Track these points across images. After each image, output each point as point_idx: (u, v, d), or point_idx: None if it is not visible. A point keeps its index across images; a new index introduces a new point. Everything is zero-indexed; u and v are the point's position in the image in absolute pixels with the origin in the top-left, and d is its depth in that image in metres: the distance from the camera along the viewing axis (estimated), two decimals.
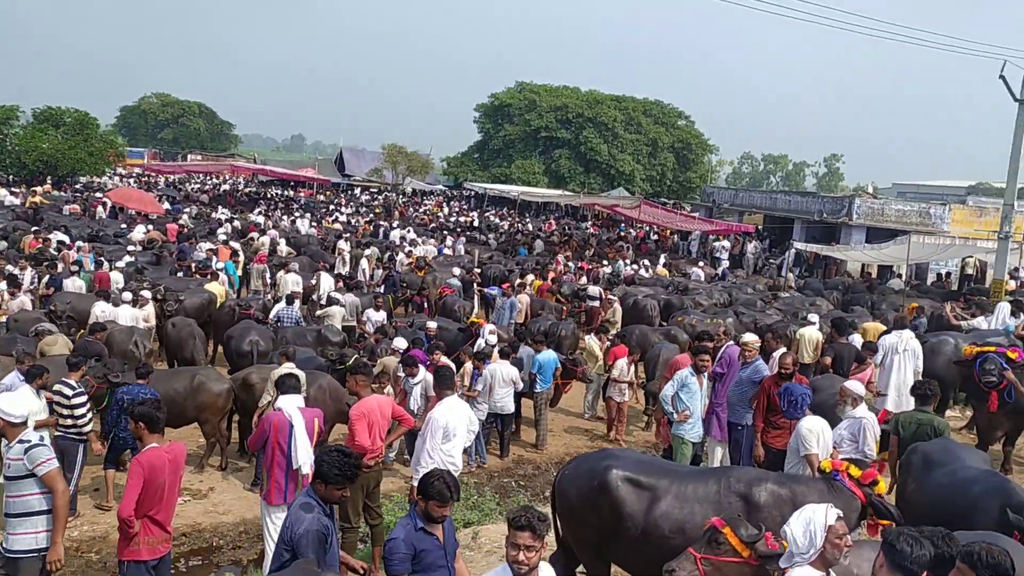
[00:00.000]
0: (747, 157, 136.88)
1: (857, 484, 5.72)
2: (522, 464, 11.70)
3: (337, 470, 4.89)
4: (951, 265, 30.52)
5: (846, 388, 7.86)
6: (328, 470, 4.91)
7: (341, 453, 4.99)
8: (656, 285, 22.59)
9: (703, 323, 16.85)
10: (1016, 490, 5.77)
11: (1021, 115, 22.53)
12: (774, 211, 37.53)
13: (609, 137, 58.35)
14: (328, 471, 4.91)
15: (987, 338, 12.41)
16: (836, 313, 19.13)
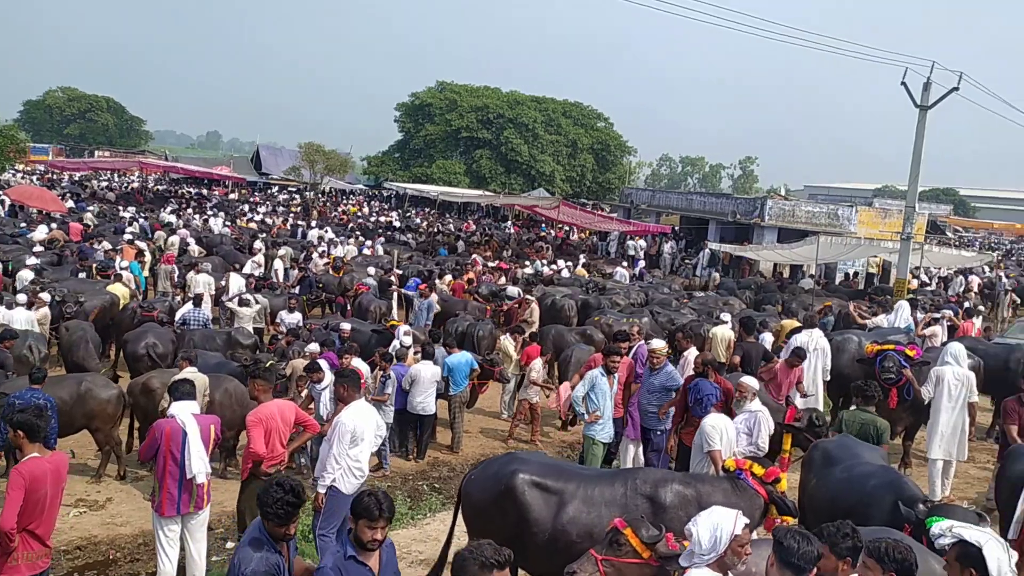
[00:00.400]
0: (666, 159, 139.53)
1: (760, 482, 5.79)
2: (437, 466, 11.53)
3: (272, 508, 4.54)
4: (858, 265, 31.57)
5: (742, 383, 8.03)
6: (264, 508, 4.59)
7: (280, 488, 4.60)
8: (574, 285, 22.70)
9: (619, 323, 17.03)
10: (908, 485, 5.92)
11: (921, 121, 23.44)
12: (690, 212, 38.21)
13: (530, 138, 58.61)
14: (265, 509, 4.58)
15: (888, 336, 12.84)
16: (748, 312, 19.60)
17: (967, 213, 78.12)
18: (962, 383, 9.83)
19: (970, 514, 5.11)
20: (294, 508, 4.60)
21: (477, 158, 58.92)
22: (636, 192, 47.48)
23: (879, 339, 12.15)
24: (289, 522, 4.61)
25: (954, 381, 9.84)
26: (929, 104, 23.04)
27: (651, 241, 36.12)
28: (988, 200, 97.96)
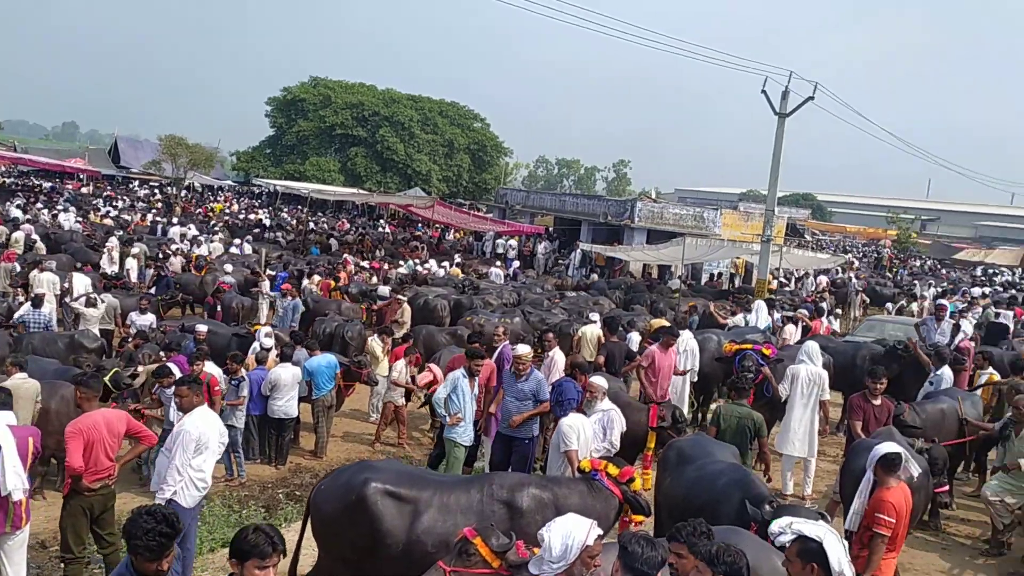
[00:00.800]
0: (542, 160, 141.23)
1: (615, 482, 5.78)
2: (299, 473, 11.09)
3: (141, 540, 3.96)
4: (722, 266, 32.78)
5: (591, 383, 8.07)
6: (132, 540, 4.00)
7: (151, 517, 4.01)
8: (448, 285, 22.56)
9: (491, 323, 17.00)
10: (756, 483, 6.03)
11: (780, 128, 24.50)
12: (564, 213, 38.71)
13: (406, 136, 58.09)
14: (133, 542, 4.00)
15: (745, 335, 13.27)
16: (614, 312, 19.94)
17: (824, 217, 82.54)
18: (815, 381, 10.16)
19: (812, 514, 5.22)
20: (168, 540, 4.01)
21: (352, 156, 57.91)
22: (511, 193, 47.77)
23: (737, 338, 12.53)
24: (162, 556, 4.01)
25: (808, 379, 10.17)
26: (787, 112, 24.10)
27: (524, 241, 36.40)
28: (843, 205, 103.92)
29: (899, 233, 57.20)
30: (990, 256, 55.59)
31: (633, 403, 9.01)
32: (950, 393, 10.13)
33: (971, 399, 10.09)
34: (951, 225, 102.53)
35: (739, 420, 8.29)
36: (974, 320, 19.04)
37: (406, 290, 19.61)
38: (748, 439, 8.30)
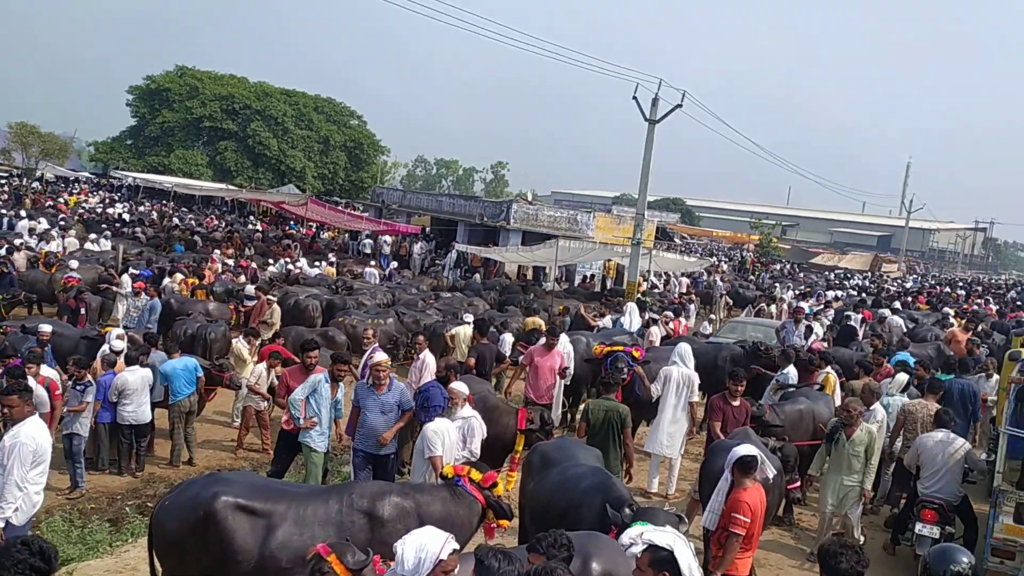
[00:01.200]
0: (421, 160, 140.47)
1: (478, 487, 5.70)
2: (153, 483, 10.49)
3: (10, 571, 3.61)
4: (595, 267, 33.40)
5: (452, 389, 7.97)
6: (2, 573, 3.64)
7: (26, 548, 3.66)
8: (321, 285, 22.04)
9: (364, 323, 16.67)
10: (616, 486, 6.07)
11: (650, 133, 25.20)
12: (440, 213, 38.53)
13: (279, 132, 56.36)
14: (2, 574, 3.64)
15: (613, 337, 13.49)
16: (488, 313, 19.97)
17: (693, 222, 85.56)
18: (686, 383, 10.39)
19: (671, 516, 5.29)
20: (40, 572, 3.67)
21: (221, 150, 55.73)
22: (387, 192, 47.18)
23: (606, 340, 12.71)
24: None
25: (680, 381, 10.38)
26: (657, 119, 24.82)
27: (400, 241, 36.02)
28: (711, 210, 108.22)
29: (761, 238, 59.91)
30: (843, 261, 59.07)
31: (501, 406, 8.93)
32: (807, 394, 10.56)
33: (824, 400, 10.56)
34: (809, 231, 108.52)
35: (606, 413, 8.56)
36: (827, 322, 20.07)
37: (275, 290, 19.02)
38: (615, 431, 8.55)
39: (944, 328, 19.21)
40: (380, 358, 8.71)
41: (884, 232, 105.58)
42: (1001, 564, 8.00)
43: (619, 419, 8.55)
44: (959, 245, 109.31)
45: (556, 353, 11.06)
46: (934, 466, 8.48)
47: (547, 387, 10.95)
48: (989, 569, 8.05)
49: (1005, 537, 7.96)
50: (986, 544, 8.23)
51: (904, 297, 33.11)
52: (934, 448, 8.54)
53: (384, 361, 8.64)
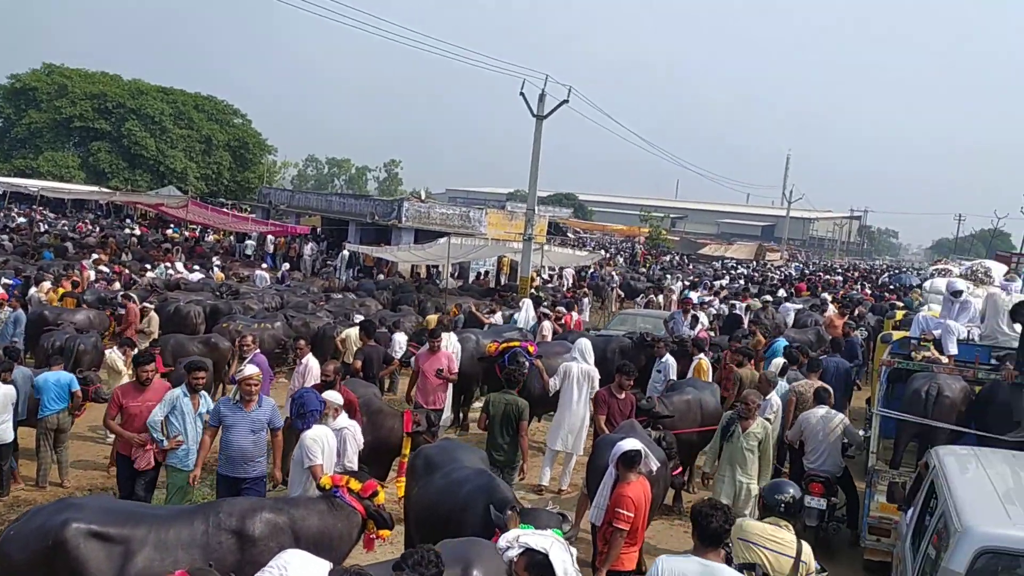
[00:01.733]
0: (312, 160, 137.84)
1: (357, 497, 5.49)
2: (17, 507, 9.79)
3: None
4: (488, 264, 33.40)
5: (325, 398, 7.62)
6: None
7: None
8: (204, 290, 21.21)
9: (250, 329, 16.11)
10: (499, 488, 5.96)
11: (538, 129, 25.32)
12: (331, 213, 37.78)
13: (156, 131, 53.91)
14: None
15: (503, 333, 13.43)
16: (380, 313, 19.66)
17: (585, 216, 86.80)
18: (586, 378, 10.37)
19: (554, 517, 5.22)
20: None
21: (94, 151, 52.92)
22: (275, 192, 45.90)
23: (498, 337, 12.63)
24: None
25: (580, 376, 10.35)
26: (544, 114, 24.95)
27: (290, 243, 35.15)
28: (603, 205, 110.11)
29: (651, 230, 61.31)
30: (729, 251, 61.04)
31: (386, 409, 8.68)
32: (694, 383, 10.75)
33: (710, 389, 10.77)
34: (697, 223, 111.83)
35: (505, 406, 8.71)
36: (714, 311, 20.60)
37: (154, 296, 18.18)
38: (513, 423, 8.71)
39: (823, 313, 20.00)
40: (251, 371, 7.76)
41: (767, 222, 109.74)
42: (878, 542, 8.25)
43: (516, 412, 8.67)
44: (836, 233, 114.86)
45: (442, 355, 10.77)
46: (816, 441, 8.87)
47: (434, 390, 10.66)
48: (867, 547, 8.33)
49: (880, 515, 8.23)
50: (863, 523, 8.50)
51: (787, 285, 34.42)
52: (816, 424, 8.92)
53: (255, 375, 7.68)
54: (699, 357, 11.72)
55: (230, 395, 7.83)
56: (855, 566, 8.58)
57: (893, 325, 14.21)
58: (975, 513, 4.96)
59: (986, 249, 65.62)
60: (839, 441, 8.88)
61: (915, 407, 8.68)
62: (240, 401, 7.57)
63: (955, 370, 9.11)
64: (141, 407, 8.03)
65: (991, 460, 6.42)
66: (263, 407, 7.58)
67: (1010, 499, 5.24)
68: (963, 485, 5.61)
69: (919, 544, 5.86)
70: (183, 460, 7.81)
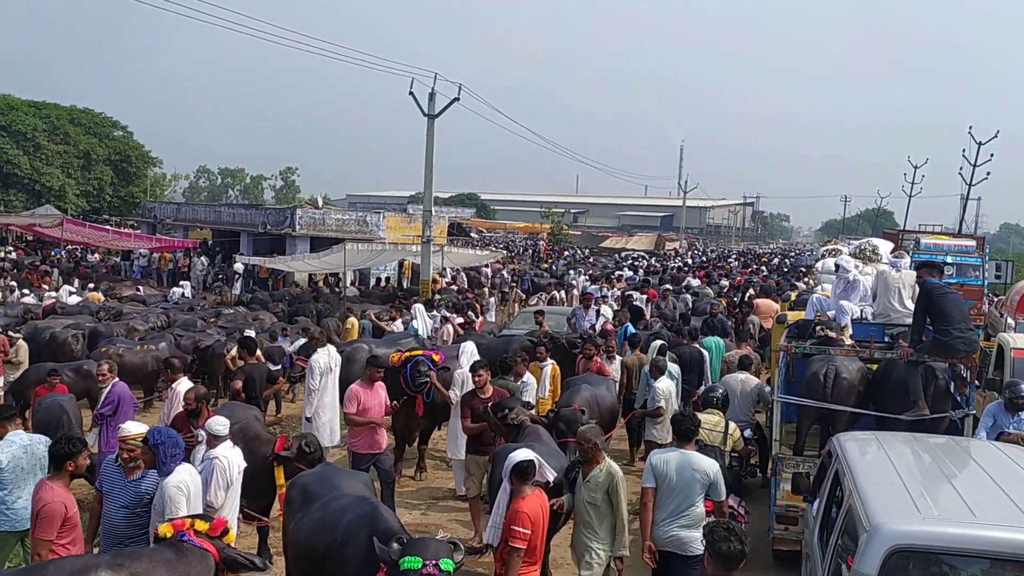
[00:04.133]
0: (204, 171, 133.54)
1: (207, 538, 4.90)
2: None
3: None
4: (390, 269, 32.68)
5: (207, 428, 6.83)
6: None
7: None
8: (82, 313, 19.89)
9: (132, 352, 15.13)
10: (384, 516, 5.47)
11: (430, 129, 24.82)
12: (221, 225, 36.34)
13: (30, 148, 50.72)
14: None
15: (399, 341, 12.88)
16: (279, 326, 18.82)
17: (488, 216, 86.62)
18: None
19: (444, 546, 4.78)
20: None
21: None
22: (160, 206, 43.88)
23: (394, 346, 12.08)
24: None
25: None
26: (435, 113, 24.47)
27: (180, 257, 33.64)
28: (505, 203, 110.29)
29: (552, 226, 61.53)
30: (630, 242, 61.79)
31: (263, 435, 7.99)
32: (588, 380, 10.48)
33: (606, 384, 10.55)
34: (599, 216, 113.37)
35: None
36: (614, 304, 20.49)
37: (20, 326, 16.91)
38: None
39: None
40: (132, 430, 6.21)
41: (666, 212, 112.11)
42: (786, 530, 8.16)
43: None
44: (732, 220, 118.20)
45: (380, 387, 9.56)
46: (734, 396, 10.05)
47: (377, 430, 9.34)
48: (776, 536, 8.23)
49: (787, 503, 8.15)
50: (771, 512, 8.41)
51: (687, 272, 34.91)
52: (734, 384, 10.38)
53: (135, 435, 6.11)
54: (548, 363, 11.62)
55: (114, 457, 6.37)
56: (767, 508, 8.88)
57: (788, 306, 14.34)
58: (883, 509, 4.68)
59: (872, 228, 68.42)
60: (751, 397, 10.40)
61: (814, 390, 8.61)
62: (120, 466, 6.16)
63: (852, 351, 9.06)
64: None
65: (893, 445, 6.25)
66: (148, 475, 6.08)
67: (917, 490, 4.96)
68: (868, 476, 5.38)
69: (827, 538, 5.66)
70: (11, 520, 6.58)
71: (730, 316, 19.94)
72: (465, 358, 10.49)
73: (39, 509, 5.63)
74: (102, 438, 8.86)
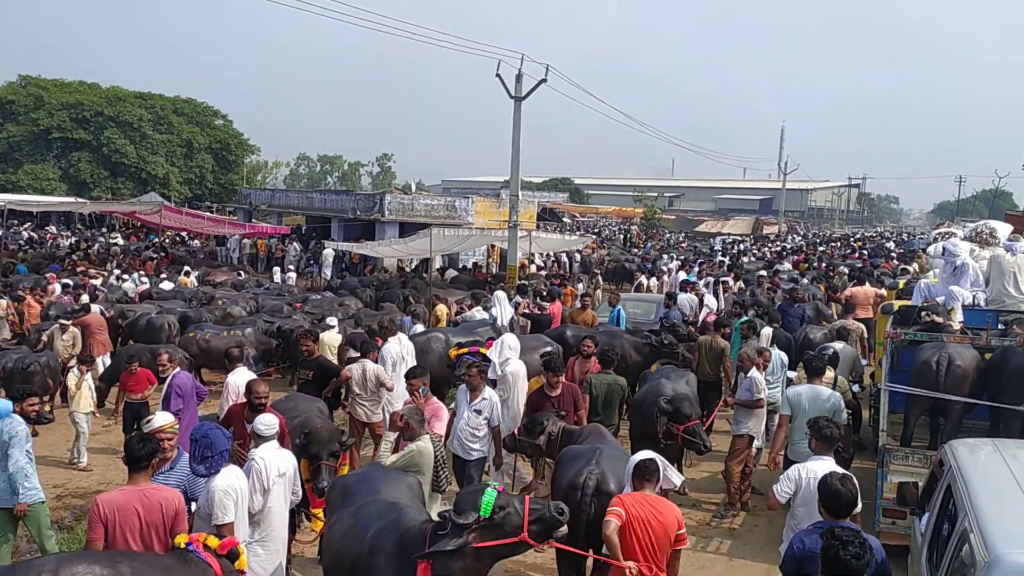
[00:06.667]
0: (304, 158, 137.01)
1: (214, 555, 4.61)
2: None
3: None
4: (479, 254, 32.43)
5: (253, 425, 6.33)
6: None
7: None
8: (176, 298, 20.33)
9: (218, 337, 15.26)
10: (408, 517, 5.06)
11: (517, 112, 24.27)
12: (312, 211, 36.82)
13: (136, 138, 52.70)
14: None
15: (475, 329, 12.47)
16: (365, 311, 18.75)
17: (582, 200, 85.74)
18: (519, 375, 9.39)
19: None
20: None
21: (75, 161, 51.84)
22: (255, 192, 44.88)
23: (464, 335, 11.68)
24: None
25: (522, 378, 9.40)
26: (522, 95, 23.91)
27: (276, 244, 34.25)
28: (599, 188, 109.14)
29: (645, 210, 60.30)
30: (726, 226, 60.02)
31: None
32: (667, 374, 9.86)
33: (686, 377, 9.93)
34: (695, 200, 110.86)
35: (608, 386, 9.18)
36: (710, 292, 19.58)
37: (113, 308, 17.33)
38: (616, 401, 9.22)
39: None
40: (161, 421, 6.05)
41: (765, 195, 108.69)
42: (893, 524, 7.72)
43: (622, 391, 9.24)
44: (835, 202, 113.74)
45: (435, 405, 8.20)
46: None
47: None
48: (882, 531, 7.72)
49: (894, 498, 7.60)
50: (876, 505, 7.93)
51: (786, 257, 33.49)
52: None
53: (165, 426, 6.00)
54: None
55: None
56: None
57: (896, 295, 13.44)
58: (1007, 536, 3.96)
59: (988, 210, 64.60)
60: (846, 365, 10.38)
61: (925, 379, 8.15)
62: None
63: (965, 338, 8.52)
64: None
65: (1016, 455, 5.44)
66: (176, 470, 5.89)
67: None
68: (986, 493, 4.63)
69: (937, 560, 4.95)
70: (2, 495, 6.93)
71: (830, 302, 18.86)
72: (501, 350, 9.69)
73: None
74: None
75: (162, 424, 5.90)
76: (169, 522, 5.01)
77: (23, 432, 7.18)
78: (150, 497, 5.03)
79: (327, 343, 14.45)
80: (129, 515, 4.91)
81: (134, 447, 5.21)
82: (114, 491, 5.30)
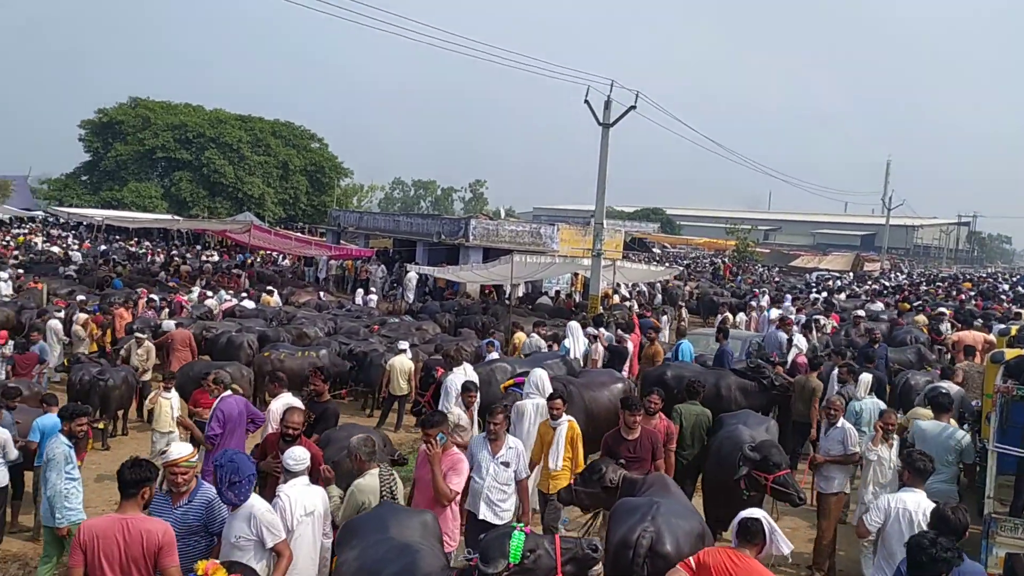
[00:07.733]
0: (398, 183, 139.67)
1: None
2: (5, 563, 8.90)
3: None
4: (563, 282, 31.90)
5: (283, 458, 5.99)
6: None
7: None
8: (257, 316, 20.50)
9: (293, 357, 15.19)
10: (426, 563, 4.63)
11: (605, 138, 23.75)
12: (398, 234, 37.01)
13: (235, 159, 54.57)
14: None
15: (544, 361, 11.91)
16: (442, 337, 18.46)
17: (673, 231, 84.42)
18: (538, 414, 8.66)
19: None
20: None
21: (176, 180, 53.96)
22: (344, 214, 45.48)
23: (534, 365, 11.14)
24: None
25: (534, 414, 8.70)
26: (610, 122, 23.38)
27: (361, 265, 34.54)
28: (692, 218, 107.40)
29: (738, 243, 58.74)
30: (824, 262, 57.67)
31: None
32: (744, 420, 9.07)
33: (766, 425, 9.13)
34: (792, 234, 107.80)
35: (696, 417, 9.20)
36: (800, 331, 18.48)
37: (194, 325, 17.48)
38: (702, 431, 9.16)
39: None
40: (178, 453, 5.53)
41: (867, 231, 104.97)
42: None
43: (708, 423, 9.17)
44: (943, 240, 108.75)
45: (453, 455, 6.74)
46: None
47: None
48: None
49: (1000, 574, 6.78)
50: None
51: (883, 297, 31.79)
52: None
53: (181, 459, 5.48)
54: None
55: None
56: None
57: (1007, 342, 12.25)
58: None
59: None
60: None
61: None
62: (168, 493, 5.57)
63: None
64: None
65: None
66: (194, 503, 5.49)
67: None
68: None
69: None
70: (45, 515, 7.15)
71: (933, 346, 17.54)
72: (534, 387, 8.98)
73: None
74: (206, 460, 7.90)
75: (176, 457, 5.51)
76: (151, 556, 4.76)
77: (61, 455, 7.01)
78: (132, 528, 4.80)
79: (396, 368, 14.18)
80: (110, 544, 4.76)
81: (124, 473, 5.01)
82: (98, 518, 5.14)
